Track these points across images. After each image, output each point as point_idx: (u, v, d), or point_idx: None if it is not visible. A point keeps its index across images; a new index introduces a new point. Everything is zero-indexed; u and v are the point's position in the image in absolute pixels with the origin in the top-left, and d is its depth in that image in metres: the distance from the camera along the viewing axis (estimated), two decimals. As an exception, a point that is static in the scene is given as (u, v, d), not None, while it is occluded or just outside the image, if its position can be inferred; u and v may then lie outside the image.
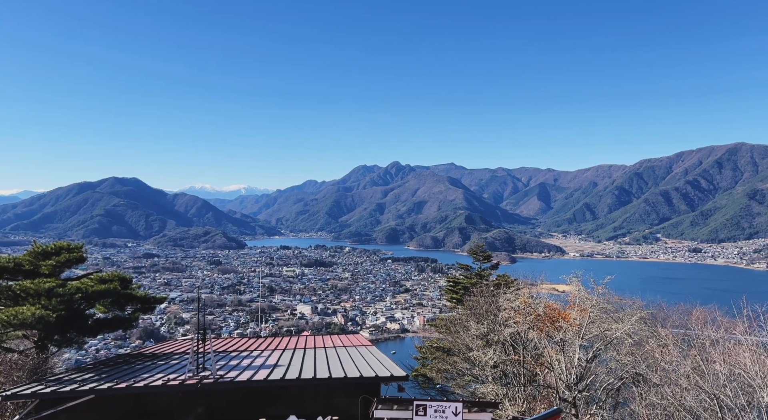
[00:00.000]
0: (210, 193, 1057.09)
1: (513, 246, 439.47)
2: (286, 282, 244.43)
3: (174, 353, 25.20)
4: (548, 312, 22.52)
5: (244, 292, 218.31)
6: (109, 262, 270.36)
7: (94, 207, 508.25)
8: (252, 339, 31.93)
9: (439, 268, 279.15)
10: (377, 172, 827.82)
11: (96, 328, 28.19)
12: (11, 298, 25.16)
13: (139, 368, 20.86)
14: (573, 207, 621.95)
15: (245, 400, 18.48)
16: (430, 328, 47.60)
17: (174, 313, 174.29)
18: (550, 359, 21.30)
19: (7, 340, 26.22)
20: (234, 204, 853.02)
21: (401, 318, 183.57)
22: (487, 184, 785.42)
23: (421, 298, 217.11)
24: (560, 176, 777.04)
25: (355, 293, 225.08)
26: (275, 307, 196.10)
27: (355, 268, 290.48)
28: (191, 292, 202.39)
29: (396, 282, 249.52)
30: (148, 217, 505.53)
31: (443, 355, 31.48)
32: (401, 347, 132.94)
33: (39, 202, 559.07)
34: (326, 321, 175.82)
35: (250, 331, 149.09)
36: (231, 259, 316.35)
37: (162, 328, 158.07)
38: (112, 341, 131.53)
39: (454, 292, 39.61)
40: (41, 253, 27.72)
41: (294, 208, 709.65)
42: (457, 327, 27.88)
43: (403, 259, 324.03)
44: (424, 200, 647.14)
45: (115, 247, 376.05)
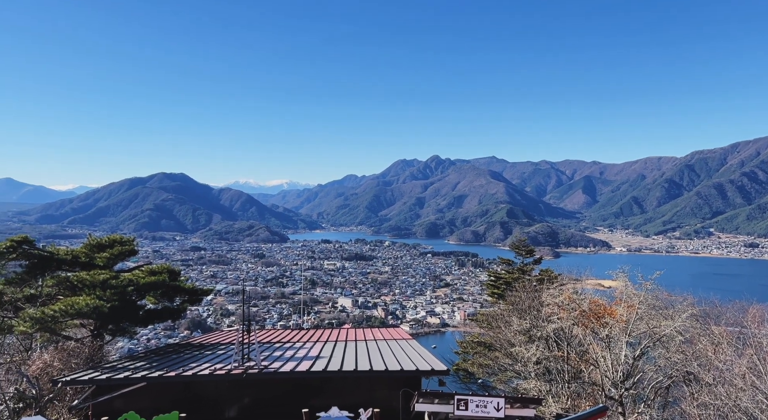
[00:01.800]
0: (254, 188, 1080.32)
1: (557, 240, 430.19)
2: (327, 275, 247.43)
3: (220, 344, 25.96)
4: (593, 308, 21.98)
5: (286, 284, 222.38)
6: (159, 254, 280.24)
7: (145, 201, 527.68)
8: (294, 331, 32.54)
9: (480, 263, 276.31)
10: (417, 166, 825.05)
11: (147, 318, 29.33)
12: (69, 288, 26.48)
13: (188, 358, 21.60)
14: (620, 200, 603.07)
15: (289, 390, 18.85)
16: (470, 322, 47.22)
17: (220, 305, 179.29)
18: (595, 356, 20.80)
19: (66, 328, 27.64)
20: (276, 198, 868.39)
21: (441, 312, 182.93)
22: (530, 177, 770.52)
23: (461, 292, 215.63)
24: (606, 169, 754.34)
25: (395, 287, 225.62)
26: (317, 299, 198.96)
27: (395, 262, 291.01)
28: (236, 285, 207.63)
29: (436, 276, 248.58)
30: (195, 211, 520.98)
31: (484, 350, 31.21)
32: (441, 342, 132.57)
33: (93, 196, 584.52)
34: (366, 314, 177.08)
35: (292, 323, 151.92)
36: (274, 253, 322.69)
37: (209, 319, 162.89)
38: (161, 331, 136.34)
39: (495, 287, 39.16)
40: (96, 245, 29.03)
41: (334, 202, 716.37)
42: (498, 322, 27.56)
43: (443, 254, 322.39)
44: (465, 194, 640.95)
45: (164, 241, 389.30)
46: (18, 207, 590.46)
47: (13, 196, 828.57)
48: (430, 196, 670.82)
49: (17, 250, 26.20)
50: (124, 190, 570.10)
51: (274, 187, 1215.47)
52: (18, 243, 26.26)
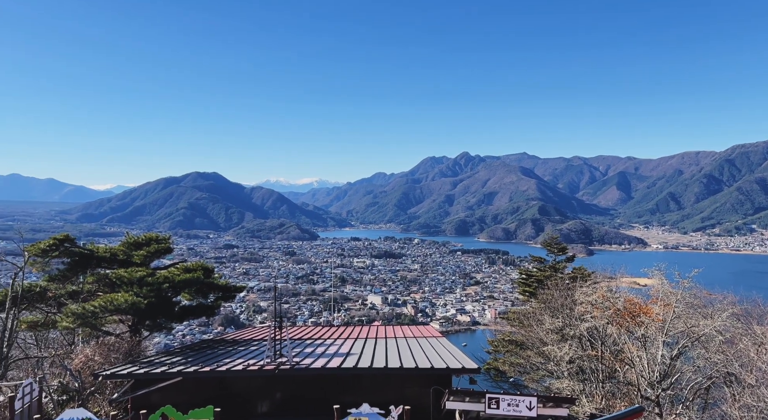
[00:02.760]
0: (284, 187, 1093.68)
1: (590, 238, 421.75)
2: (357, 273, 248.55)
3: (253, 340, 26.40)
4: (628, 306, 21.49)
5: (317, 282, 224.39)
6: (193, 252, 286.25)
7: (179, 200, 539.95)
8: (325, 328, 32.81)
9: (511, 261, 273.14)
10: (446, 164, 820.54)
11: (182, 314, 30.03)
12: (108, 285, 27.33)
13: (222, 353, 22.05)
14: (656, 196, 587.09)
15: (320, 386, 19.05)
16: (501, 321, 46.75)
17: (252, 302, 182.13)
18: (630, 355, 20.35)
19: (106, 324, 28.54)
20: (307, 197, 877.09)
21: (472, 310, 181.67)
22: (562, 173, 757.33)
23: (492, 290, 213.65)
24: (641, 164, 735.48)
25: (424, 285, 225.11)
26: (347, 297, 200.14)
27: (425, 260, 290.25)
28: (268, 282, 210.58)
29: (466, 274, 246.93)
30: (228, 209, 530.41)
31: (516, 349, 30.88)
32: (472, 340, 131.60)
33: (130, 196, 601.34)
34: (396, 312, 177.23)
35: (323, 319, 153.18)
36: (304, 250, 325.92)
37: (242, 315, 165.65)
38: (196, 327, 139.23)
39: (526, 285, 38.67)
40: (133, 243, 29.85)
41: (364, 200, 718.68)
42: (530, 320, 27.23)
43: (473, 251, 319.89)
44: (495, 191, 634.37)
45: (198, 238, 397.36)
46: (60, 206, 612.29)
47: (55, 195, 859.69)
48: (460, 194, 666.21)
49: (60, 248, 27.17)
50: (159, 189, 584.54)
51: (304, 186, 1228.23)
52: (60, 241, 27.23)
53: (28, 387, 16.07)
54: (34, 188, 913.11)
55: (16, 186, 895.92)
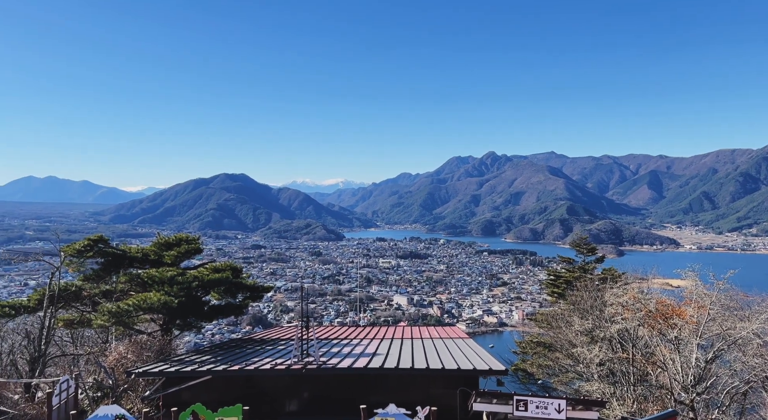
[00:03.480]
0: (310, 187, 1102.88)
1: (620, 238, 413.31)
2: (382, 273, 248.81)
3: (280, 339, 26.67)
4: (660, 308, 20.99)
5: (343, 282, 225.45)
6: (222, 252, 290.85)
7: (208, 201, 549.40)
8: (351, 327, 32.95)
9: (539, 261, 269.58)
10: (472, 163, 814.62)
11: (211, 313, 30.53)
12: (140, 284, 27.96)
13: (250, 352, 22.33)
14: (689, 196, 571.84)
15: (346, 386, 19.12)
16: (529, 322, 46.21)
17: (280, 301, 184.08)
18: (663, 358, 19.86)
19: (138, 322, 29.23)
20: (332, 197, 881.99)
21: (499, 311, 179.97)
22: (591, 172, 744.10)
23: (519, 291, 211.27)
24: (674, 163, 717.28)
25: (450, 285, 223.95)
26: (372, 297, 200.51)
27: (450, 261, 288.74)
28: (295, 282, 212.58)
29: (493, 275, 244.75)
30: (255, 210, 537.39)
31: (544, 351, 30.50)
32: (499, 341, 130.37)
33: (161, 197, 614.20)
34: (422, 312, 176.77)
35: (349, 319, 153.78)
36: (330, 250, 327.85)
37: (269, 315, 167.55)
38: (225, 326, 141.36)
39: (555, 286, 38.15)
40: (164, 244, 30.49)
41: (389, 200, 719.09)
42: (559, 322, 26.84)
43: (500, 252, 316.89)
44: (522, 191, 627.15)
45: (226, 239, 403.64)
46: (93, 207, 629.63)
47: (89, 197, 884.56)
48: (486, 194, 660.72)
49: (94, 249, 27.94)
50: (189, 190, 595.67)
51: (329, 186, 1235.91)
52: (94, 242, 28.00)
53: (64, 383, 16.54)
54: (70, 190, 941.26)
55: (52, 188, 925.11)
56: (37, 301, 28.15)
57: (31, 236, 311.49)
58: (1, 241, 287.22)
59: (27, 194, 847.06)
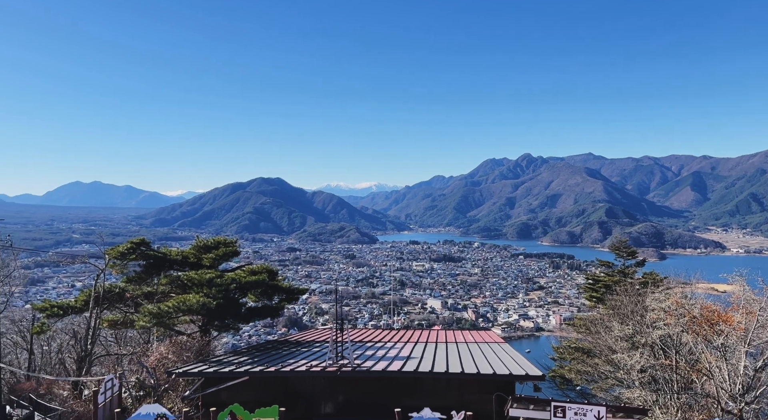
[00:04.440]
0: (344, 191, 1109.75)
1: (662, 241, 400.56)
2: (416, 276, 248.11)
3: (315, 341, 26.93)
4: (705, 314, 20.23)
5: (376, 285, 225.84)
6: (258, 255, 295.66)
7: (245, 205, 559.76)
8: (385, 331, 32.99)
9: (577, 265, 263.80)
10: (507, 166, 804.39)
11: (248, 315, 31.07)
12: (180, 286, 28.71)
13: (286, 354, 22.63)
14: (735, 197, 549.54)
15: (381, 389, 19.14)
16: (567, 327, 45.32)
17: (314, 304, 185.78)
18: (708, 366, 19.14)
19: (178, 323, 30.01)
20: (366, 200, 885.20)
21: (535, 316, 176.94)
22: (631, 174, 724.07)
23: (556, 295, 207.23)
24: (718, 163, 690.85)
25: (485, 289, 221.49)
26: (406, 300, 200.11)
27: (485, 264, 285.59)
28: (329, 284, 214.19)
29: (529, 279, 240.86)
30: (291, 213, 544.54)
31: (583, 356, 29.82)
32: (536, 346, 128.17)
33: (200, 201, 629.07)
34: (456, 316, 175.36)
35: (383, 323, 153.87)
36: (364, 253, 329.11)
37: (304, 317, 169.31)
38: (262, 328, 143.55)
39: (593, 291, 37.30)
40: (203, 247, 31.22)
41: (422, 203, 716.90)
42: (597, 327, 26.21)
43: (536, 255, 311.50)
44: (559, 193, 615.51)
45: (262, 242, 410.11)
46: (136, 212, 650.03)
47: (132, 201, 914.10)
48: (521, 196, 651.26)
49: (136, 251, 28.86)
50: (226, 194, 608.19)
51: (363, 190, 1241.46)
52: (137, 245, 28.92)
53: (109, 382, 17.10)
54: (114, 195, 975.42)
55: (97, 193, 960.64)
56: (83, 302, 29.27)
57: (78, 239, 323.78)
58: (51, 244, 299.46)
59: (74, 199, 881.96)
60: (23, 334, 36.19)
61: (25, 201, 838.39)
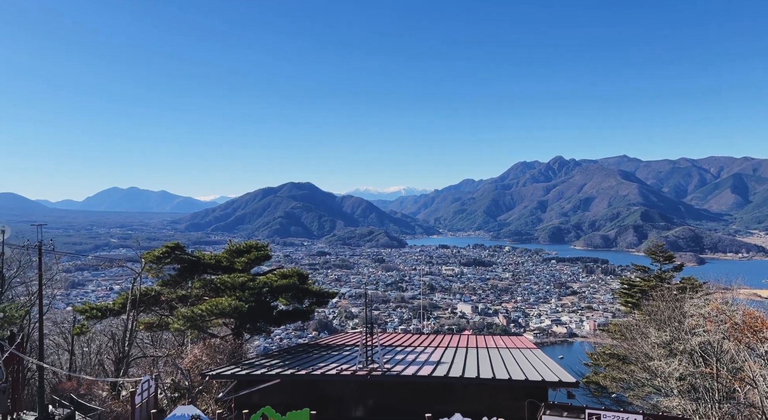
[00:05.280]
0: (373, 195, 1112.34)
1: (701, 245, 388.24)
2: (445, 280, 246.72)
3: (345, 345, 27.03)
4: (748, 320, 19.50)
5: (406, 289, 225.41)
6: (289, 259, 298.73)
7: (276, 210, 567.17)
8: (415, 335, 32.88)
9: (611, 270, 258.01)
10: (538, 169, 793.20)
11: (279, 318, 31.46)
12: (213, 290, 29.26)
13: (316, 357, 22.78)
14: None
15: (411, 394, 19.07)
16: (601, 333, 44.32)
17: (344, 308, 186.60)
18: (752, 374, 18.43)
19: (211, 326, 30.57)
20: (394, 204, 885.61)
21: (568, 321, 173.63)
22: (667, 176, 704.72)
23: (590, 301, 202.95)
24: (761, 165, 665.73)
25: (516, 294, 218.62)
26: (436, 305, 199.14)
27: (516, 268, 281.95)
28: (359, 288, 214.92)
29: (561, 283, 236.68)
30: (320, 218, 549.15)
31: (618, 363, 29.12)
32: (569, 352, 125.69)
33: (232, 206, 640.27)
34: (487, 321, 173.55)
35: (412, 327, 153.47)
36: (393, 257, 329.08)
37: (334, 321, 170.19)
38: (292, 331, 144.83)
39: (629, 296, 36.47)
40: (235, 251, 31.77)
41: (451, 207, 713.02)
42: (633, 333, 25.56)
43: (569, 260, 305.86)
44: (592, 196, 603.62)
45: (293, 246, 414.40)
46: (170, 216, 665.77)
47: (167, 206, 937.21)
48: (553, 200, 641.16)
49: (171, 255, 29.57)
50: (258, 199, 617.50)
51: (392, 194, 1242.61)
52: (171, 249, 29.62)
53: (146, 383, 17.52)
54: (150, 200, 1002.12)
55: (134, 198, 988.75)
56: (121, 304, 30.11)
57: (116, 244, 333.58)
58: (90, 248, 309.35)
59: (111, 204, 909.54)
60: (65, 336, 37.47)
61: (66, 206, 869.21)
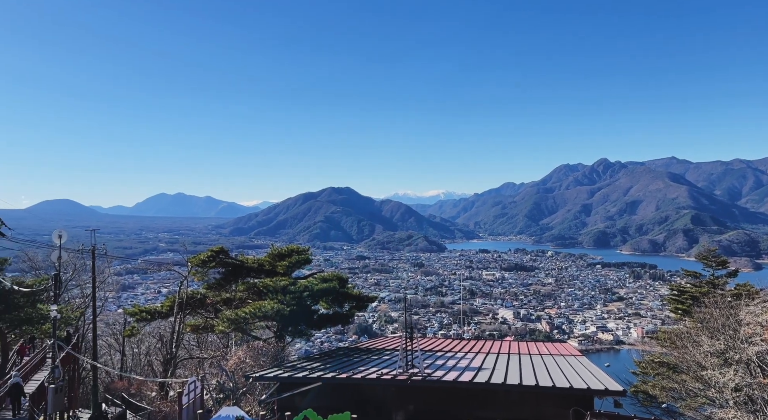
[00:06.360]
0: (412, 199, 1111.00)
1: (757, 250, 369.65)
2: (486, 285, 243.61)
3: (385, 349, 27.03)
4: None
5: (445, 294, 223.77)
6: (329, 263, 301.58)
7: (316, 214, 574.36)
8: (455, 340, 32.58)
9: (660, 275, 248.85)
10: (582, 171, 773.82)
11: (320, 322, 31.79)
12: (256, 293, 29.87)
13: (357, 361, 22.87)
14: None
15: (451, 399, 18.90)
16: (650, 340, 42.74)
17: (384, 312, 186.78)
18: (815, 388, 17.39)
19: (254, 329, 31.19)
20: (433, 209, 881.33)
21: (615, 328, 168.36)
22: (719, 178, 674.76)
23: (638, 307, 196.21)
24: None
25: (560, 300, 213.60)
26: (476, 310, 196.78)
27: (560, 273, 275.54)
28: (398, 293, 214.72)
29: (607, 289, 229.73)
30: (360, 222, 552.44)
31: (668, 372, 28.01)
32: (616, 360, 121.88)
33: (274, 211, 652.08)
34: (529, 327, 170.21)
35: (453, 332, 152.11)
36: (432, 262, 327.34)
37: (374, 325, 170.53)
38: (333, 335, 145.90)
39: (679, 302, 35.06)
40: (277, 254, 32.35)
41: (491, 211, 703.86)
42: (684, 341, 24.52)
43: (614, 265, 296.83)
44: (639, 199, 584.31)
45: (333, 250, 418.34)
46: (215, 221, 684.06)
47: (211, 212, 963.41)
48: (598, 203, 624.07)
49: (216, 259, 30.38)
50: (299, 204, 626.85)
51: (430, 198, 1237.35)
52: (216, 253, 30.42)
53: (192, 384, 18.01)
54: (195, 205, 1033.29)
55: (181, 204, 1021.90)
56: (168, 307, 31.12)
57: (163, 248, 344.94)
58: (139, 252, 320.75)
59: (159, 209, 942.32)
60: (116, 337, 39.02)
61: (118, 212, 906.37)
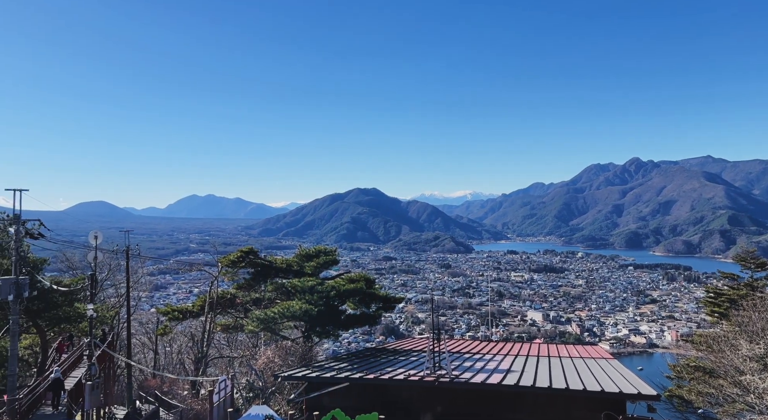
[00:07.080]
0: (438, 200, 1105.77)
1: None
2: (514, 287, 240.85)
3: (412, 350, 26.99)
4: None
5: (473, 295, 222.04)
6: (356, 263, 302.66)
7: (343, 215, 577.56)
8: (483, 342, 32.33)
9: (695, 277, 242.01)
10: (613, 171, 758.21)
11: (347, 322, 31.93)
12: (284, 293, 30.20)
13: (384, 362, 22.91)
14: None
15: (479, 402, 18.75)
16: (685, 344, 41.61)
17: (411, 313, 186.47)
18: None
19: (283, 329, 31.54)
20: (460, 209, 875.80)
21: (648, 331, 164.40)
22: (758, 178, 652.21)
23: (672, 310, 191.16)
24: None
25: (590, 302, 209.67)
26: (504, 312, 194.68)
27: (590, 275, 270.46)
28: (425, 294, 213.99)
29: (639, 291, 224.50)
30: (386, 223, 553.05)
31: (704, 376, 27.21)
32: (649, 364, 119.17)
33: (302, 212, 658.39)
34: (559, 329, 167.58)
35: (480, 334, 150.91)
36: (459, 263, 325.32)
37: (401, 326, 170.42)
38: (360, 335, 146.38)
39: (715, 305, 34.02)
40: (305, 255, 32.65)
41: (520, 212, 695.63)
42: (721, 345, 23.80)
43: (647, 266, 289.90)
44: (672, 200, 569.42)
45: (359, 251, 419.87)
46: (245, 222, 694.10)
47: (241, 213, 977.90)
48: (630, 203, 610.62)
49: (245, 260, 30.84)
50: (326, 205, 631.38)
51: (457, 198, 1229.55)
52: (246, 253, 30.88)
53: (223, 383, 18.32)
54: (225, 207, 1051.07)
55: (211, 205, 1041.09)
56: (199, 306, 31.72)
57: (194, 248, 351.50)
58: (171, 252, 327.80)
59: (190, 211, 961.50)
60: (149, 335, 39.96)
61: (150, 213, 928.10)
